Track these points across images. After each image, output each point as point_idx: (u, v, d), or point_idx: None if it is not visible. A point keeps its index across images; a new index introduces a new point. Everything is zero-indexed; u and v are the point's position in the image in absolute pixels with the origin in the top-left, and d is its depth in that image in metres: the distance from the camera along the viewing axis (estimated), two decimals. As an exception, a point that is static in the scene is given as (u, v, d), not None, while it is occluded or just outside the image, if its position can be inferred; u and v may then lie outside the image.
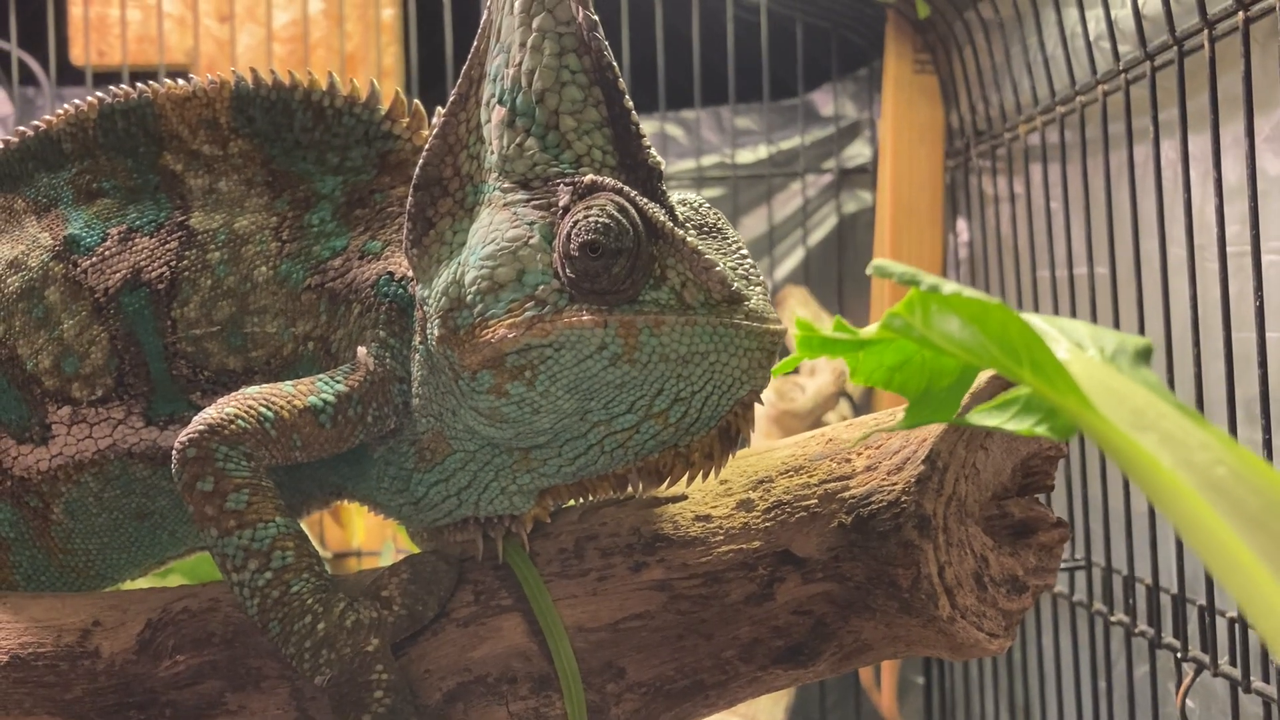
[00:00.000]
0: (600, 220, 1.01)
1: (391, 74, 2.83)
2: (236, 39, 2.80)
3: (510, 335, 1.02)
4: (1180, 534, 0.60)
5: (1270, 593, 0.54)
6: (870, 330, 0.78)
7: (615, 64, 1.07)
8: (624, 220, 1.02)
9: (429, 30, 2.80)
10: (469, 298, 1.04)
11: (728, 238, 1.10)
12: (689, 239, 1.04)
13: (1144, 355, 0.71)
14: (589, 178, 1.04)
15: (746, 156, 3.02)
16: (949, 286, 0.69)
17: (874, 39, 2.86)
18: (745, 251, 1.10)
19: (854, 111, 3.02)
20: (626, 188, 1.04)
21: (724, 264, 1.04)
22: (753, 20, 2.82)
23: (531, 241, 1.04)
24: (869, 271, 0.75)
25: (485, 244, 1.04)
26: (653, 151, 1.09)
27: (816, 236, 2.99)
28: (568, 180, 1.04)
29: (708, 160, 3.00)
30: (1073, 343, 0.72)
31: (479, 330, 1.03)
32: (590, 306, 1.02)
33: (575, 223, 1.02)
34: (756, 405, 1.07)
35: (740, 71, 2.83)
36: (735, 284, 1.02)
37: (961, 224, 2.70)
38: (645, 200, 1.04)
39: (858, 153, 3.00)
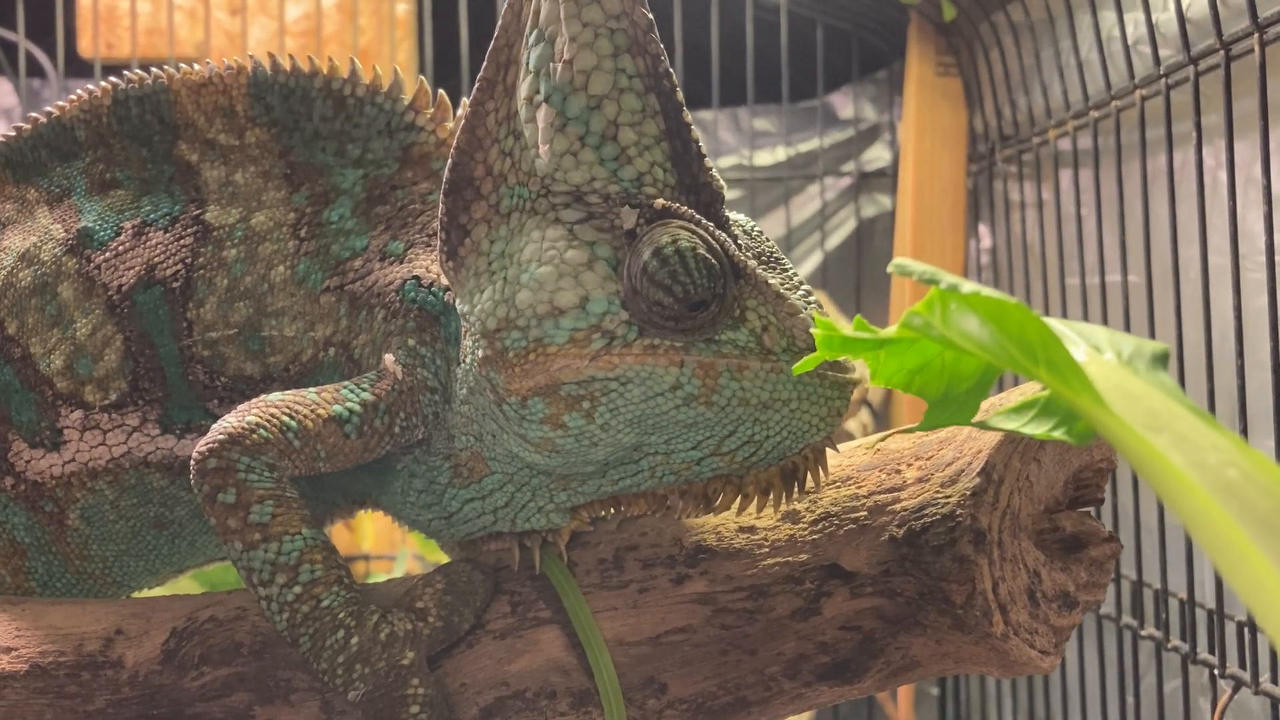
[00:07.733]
0: (699, 255, 0.96)
1: (405, 69, 2.78)
2: (248, 32, 2.76)
3: (571, 365, 0.97)
4: (1190, 534, 0.62)
5: (1278, 592, 0.55)
6: (890, 330, 0.77)
7: (672, 72, 1.01)
8: (715, 261, 0.97)
9: (443, 25, 2.76)
10: (522, 320, 0.98)
11: (786, 268, 1.05)
12: (771, 280, 0.99)
13: (1160, 359, 0.73)
14: (659, 203, 0.98)
15: (764, 158, 2.98)
16: (968, 285, 0.69)
17: (895, 41, 2.84)
18: (805, 284, 1.05)
19: (873, 114, 2.99)
20: (702, 219, 0.98)
21: (798, 301, 1.00)
22: (772, 20, 2.79)
23: (596, 266, 0.98)
24: (890, 269, 0.76)
25: (540, 263, 0.98)
26: (715, 173, 1.03)
27: (834, 240, 2.96)
28: (633, 202, 0.98)
29: (725, 162, 2.97)
30: (1090, 346, 0.73)
31: (533, 355, 0.97)
32: (664, 342, 0.97)
33: (654, 255, 0.96)
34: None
35: (759, 72, 2.80)
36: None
37: (984, 230, 2.67)
38: (721, 233, 0.99)
39: (877, 156, 2.97)
